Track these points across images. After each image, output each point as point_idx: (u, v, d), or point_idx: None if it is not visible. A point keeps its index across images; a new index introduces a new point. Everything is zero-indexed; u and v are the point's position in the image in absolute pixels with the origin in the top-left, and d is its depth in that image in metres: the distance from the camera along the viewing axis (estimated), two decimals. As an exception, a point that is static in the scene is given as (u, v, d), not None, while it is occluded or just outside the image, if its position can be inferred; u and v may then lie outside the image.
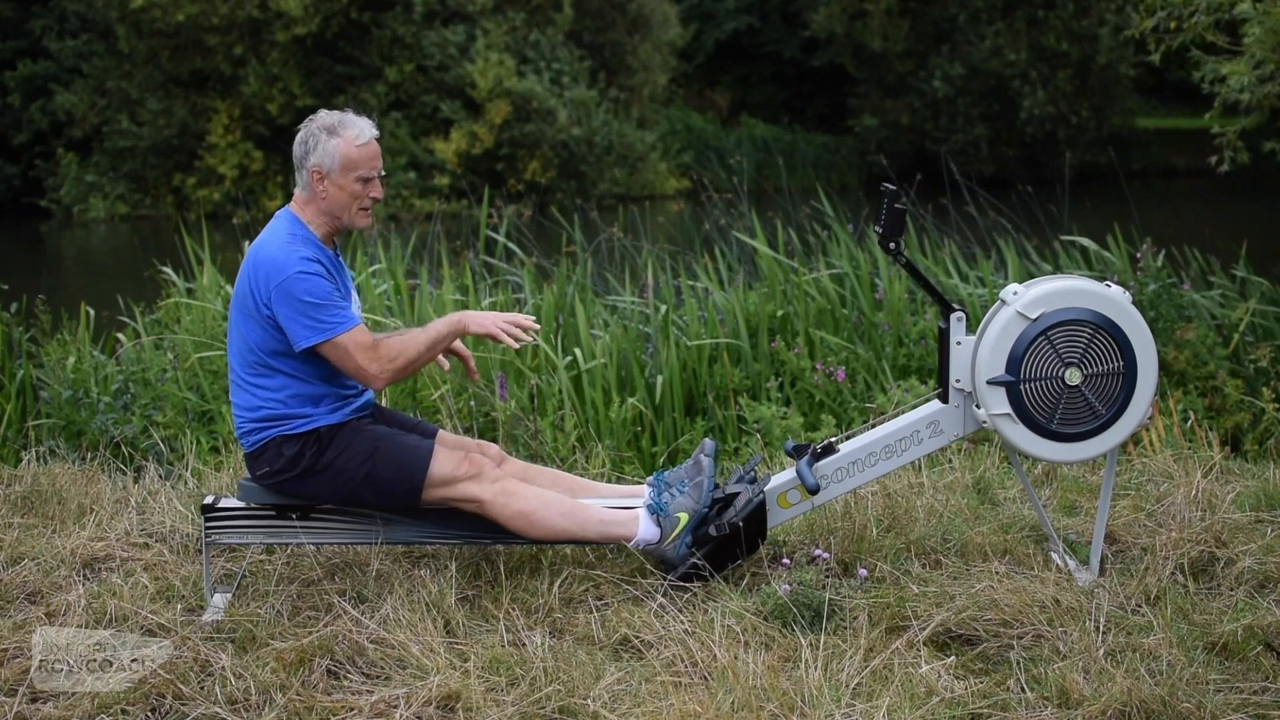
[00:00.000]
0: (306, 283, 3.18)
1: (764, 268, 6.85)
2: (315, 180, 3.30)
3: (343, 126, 3.29)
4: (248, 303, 3.24)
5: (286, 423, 3.25)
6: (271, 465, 3.27)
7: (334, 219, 3.32)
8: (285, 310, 3.18)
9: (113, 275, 15.30)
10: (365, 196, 3.31)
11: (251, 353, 3.26)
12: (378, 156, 3.32)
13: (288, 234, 3.27)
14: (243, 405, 3.30)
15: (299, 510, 3.36)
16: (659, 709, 2.67)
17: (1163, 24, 7.90)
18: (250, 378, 3.28)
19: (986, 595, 3.17)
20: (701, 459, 3.40)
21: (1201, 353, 5.97)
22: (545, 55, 23.06)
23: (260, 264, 3.23)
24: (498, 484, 3.28)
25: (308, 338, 3.18)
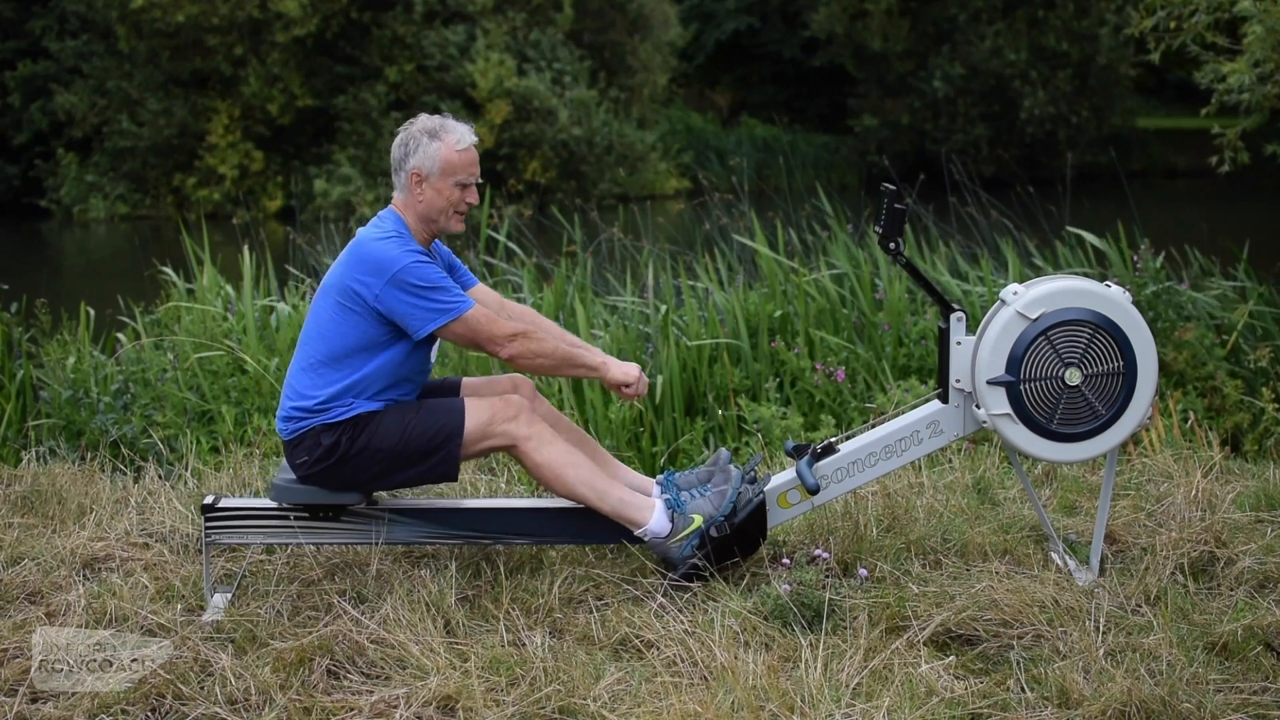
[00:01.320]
0: (420, 270, 3.20)
1: (764, 268, 6.85)
2: (414, 183, 3.31)
3: (444, 131, 3.32)
4: (346, 295, 3.24)
5: (328, 412, 3.26)
6: (310, 455, 3.27)
7: (430, 222, 3.34)
8: (401, 301, 3.19)
9: (113, 275, 15.30)
10: (462, 202, 3.34)
11: (327, 342, 3.26)
12: (476, 162, 3.36)
13: (394, 230, 3.29)
14: (299, 391, 3.29)
15: (327, 510, 3.35)
16: (659, 709, 2.67)
17: (1162, 24, 7.90)
18: (317, 365, 3.27)
19: (986, 595, 3.17)
20: (731, 469, 3.41)
21: (1201, 353, 5.97)
22: (545, 55, 23.07)
23: (368, 258, 3.23)
24: (534, 428, 3.28)
25: (432, 320, 3.21)
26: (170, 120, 22.96)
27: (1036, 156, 24.33)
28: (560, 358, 3.33)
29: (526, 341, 3.28)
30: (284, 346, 5.88)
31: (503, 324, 3.28)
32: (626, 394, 3.40)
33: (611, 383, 3.39)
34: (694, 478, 3.47)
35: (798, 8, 28.59)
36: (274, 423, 5.11)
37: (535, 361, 3.31)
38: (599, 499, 3.31)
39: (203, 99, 23.25)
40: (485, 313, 3.28)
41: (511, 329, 3.28)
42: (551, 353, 3.31)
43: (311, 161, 22.94)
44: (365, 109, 22.87)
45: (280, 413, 3.35)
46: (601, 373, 3.38)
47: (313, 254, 8.06)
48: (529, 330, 3.30)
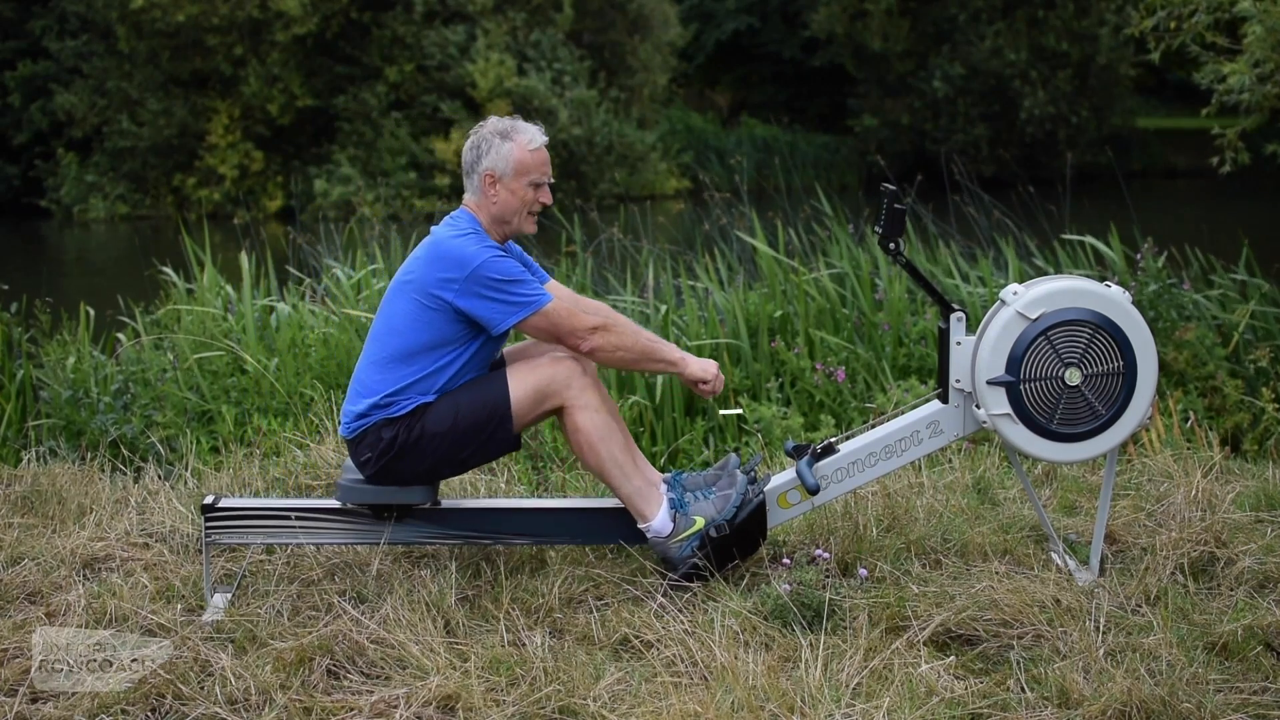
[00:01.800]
0: (499, 264, 3.21)
1: (764, 268, 6.86)
2: (487, 185, 3.31)
3: (515, 131, 3.32)
4: (424, 293, 3.24)
5: (391, 407, 3.26)
6: (373, 450, 3.27)
7: (504, 224, 3.34)
8: (479, 297, 3.20)
9: (113, 275, 15.30)
10: (536, 202, 3.34)
11: (399, 339, 3.26)
12: (548, 162, 3.36)
13: (471, 228, 3.30)
14: (368, 386, 3.28)
15: (392, 510, 3.35)
16: (659, 709, 2.67)
17: (1163, 24, 7.89)
18: (389, 361, 3.27)
19: (986, 595, 3.17)
20: (738, 474, 3.41)
21: (1201, 353, 5.97)
22: (545, 55, 23.07)
23: (447, 255, 3.23)
24: (585, 393, 3.27)
25: (513, 314, 3.22)
26: (170, 120, 22.97)
27: (1036, 156, 24.33)
28: (640, 351, 3.33)
29: (607, 334, 3.28)
30: (283, 347, 5.88)
31: (583, 317, 3.28)
32: (703, 390, 3.40)
33: (689, 378, 3.39)
34: (700, 480, 3.47)
35: (798, 8, 28.59)
36: (274, 423, 5.11)
37: (615, 355, 3.31)
38: (622, 480, 3.30)
39: (203, 99, 23.26)
40: (565, 306, 3.28)
41: (592, 322, 3.27)
42: (632, 346, 3.32)
43: (311, 161, 22.95)
44: (365, 109, 22.89)
45: (346, 410, 3.34)
46: (680, 368, 3.38)
47: (313, 254, 8.06)
48: (609, 323, 3.30)
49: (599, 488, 4.32)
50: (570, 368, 3.28)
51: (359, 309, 6.37)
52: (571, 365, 3.29)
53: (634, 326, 3.39)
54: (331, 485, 4.08)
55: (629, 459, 3.32)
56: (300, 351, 5.87)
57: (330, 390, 5.35)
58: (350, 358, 5.83)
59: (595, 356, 3.31)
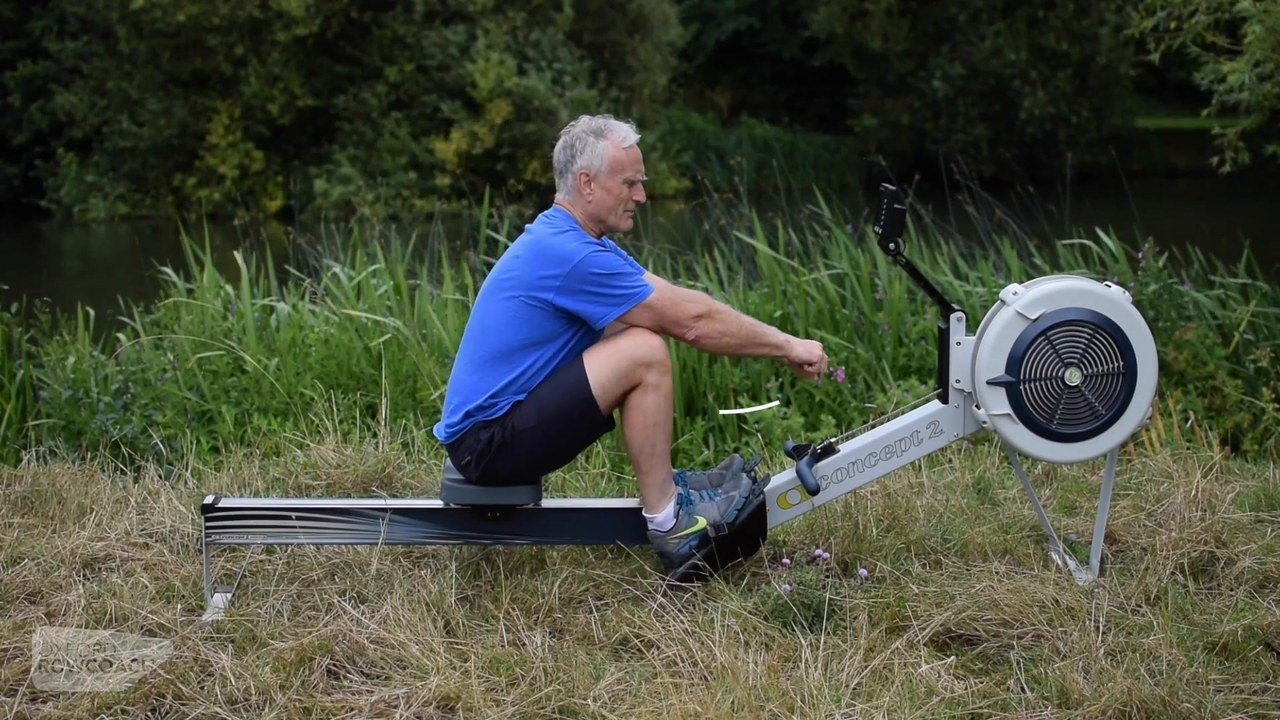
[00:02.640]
0: (601, 258, 3.22)
1: (764, 268, 6.85)
2: (583, 183, 3.32)
3: (609, 130, 3.33)
4: (526, 292, 3.23)
5: (491, 408, 3.26)
6: (472, 452, 3.27)
7: (599, 222, 3.35)
8: (582, 293, 3.20)
9: (113, 275, 15.30)
10: (630, 199, 3.35)
11: (498, 339, 3.26)
12: (641, 160, 3.36)
13: (567, 225, 3.30)
14: (470, 387, 3.28)
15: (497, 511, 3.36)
16: (659, 709, 2.67)
17: (1162, 24, 7.89)
18: (485, 362, 3.27)
19: (986, 595, 3.17)
20: (742, 477, 3.41)
21: (1201, 353, 5.97)
22: (546, 55, 23.07)
23: (548, 253, 3.23)
24: (664, 377, 3.25)
25: (617, 306, 3.22)
26: (170, 120, 22.97)
27: (1036, 156, 24.34)
28: (745, 336, 3.33)
29: (711, 321, 3.28)
30: (283, 346, 5.88)
31: (686, 305, 3.28)
32: (809, 373, 3.40)
33: (795, 361, 3.39)
34: (704, 479, 3.47)
35: (798, 8, 28.59)
36: (274, 423, 5.11)
37: (721, 340, 3.31)
38: (654, 468, 3.30)
39: (203, 99, 23.26)
40: (668, 296, 3.28)
41: (696, 310, 3.27)
42: (736, 331, 3.32)
43: (311, 161, 22.95)
44: (365, 109, 22.90)
45: (445, 414, 3.34)
46: (785, 351, 3.38)
47: (313, 254, 8.06)
48: (712, 310, 3.30)
49: (599, 488, 4.33)
50: (656, 346, 3.25)
51: (359, 309, 6.37)
52: (657, 344, 3.26)
53: (735, 312, 3.38)
54: (332, 485, 4.08)
55: (667, 450, 3.33)
56: (300, 351, 5.87)
57: (330, 390, 5.35)
58: (350, 358, 5.83)
59: (700, 344, 3.31)
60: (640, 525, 3.38)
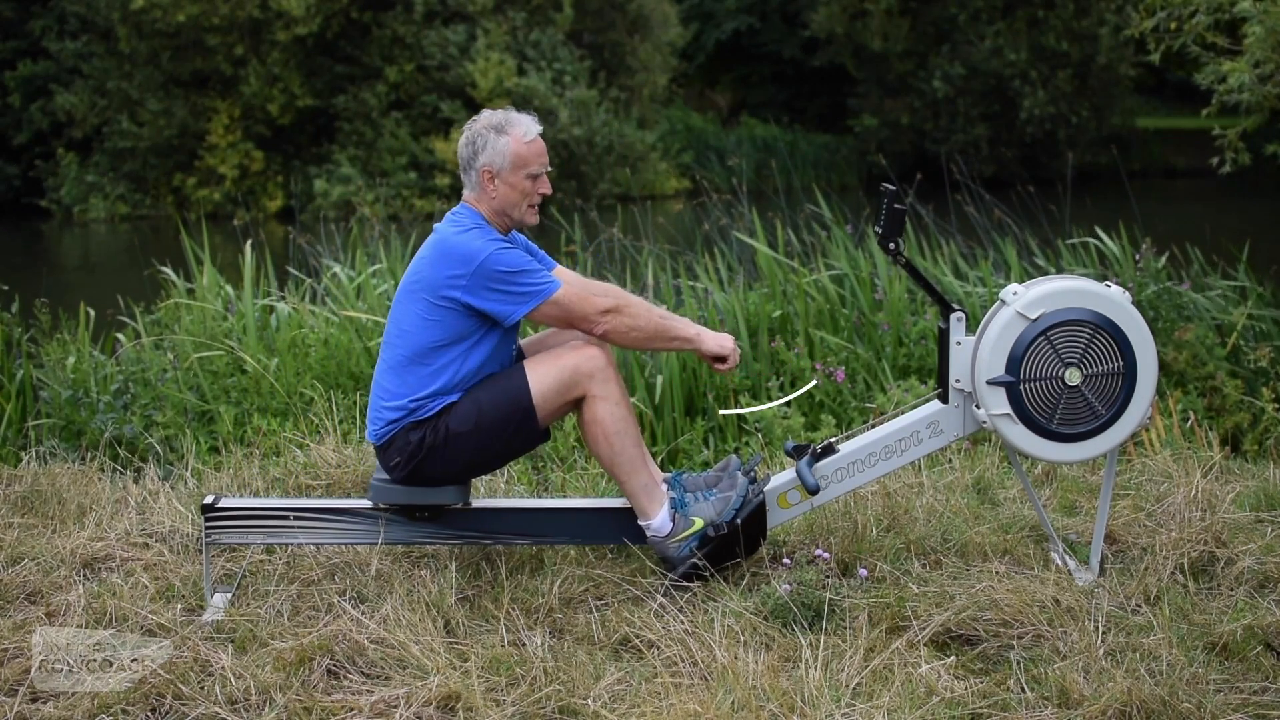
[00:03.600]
0: (505, 256, 3.20)
1: (764, 268, 6.85)
2: (486, 180, 3.31)
3: (509, 125, 3.32)
4: (433, 292, 3.23)
5: (417, 411, 3.26)
6: (401, 454, 3.26)
7: (505, 217, 3.34)
8: (488, 291, 3.19)
9: (113, 275, 15.30)
10: (535, 193, 3.33)
11: (412, 341, 3.26)
12: (544, 152, 3.35)
13: (472, 223, 3.30)
14: (389, 391, 3.28)
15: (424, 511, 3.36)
16: (659, 709, 2.67)
17: (1163, 24, 7.90)
18: (403, 364, 3.27)
19: (986, 595, 3.17)
20: (739, 476, 3.40)
21: (1201, 353, 5.97)
22: (545, 55, 23.07)
23: (452, 252, 3.22)
24: (609, 386, 3.25)
25: (523, 304, 3.21)
26: (170, 120, 22.97)
27: (1036, 156, 24.33)
28: (654, 330, 3.32)
29: (619, 316, 3.27)
30: (283, 347, 5.88)
31: (595, 299, 3.26)
32: (721, 369, 3.39)
33: (706, 355, 3.38)
34: (701, 481, 3.47)
35: (798, 8, 28.59)
36: (273, 423, 5.11)
37: (629, 335, 3.29)
38: (630, 474, 3.29)
39: (203, 99, 23.26)
40: (575, 291, 3.27)
41: (604, 304, 3.26)
42: (645, 325, 3.30)
43: (311, 161, 22.95)
44: (365, 109, 22.89)
45: (370, 417, 3.34)
46: (695, 344, 3.37)
47: (313, 254, 8.06)
48: (620, 304, 3.28)
49: (599, 488, 4.33)
50: (594, 357, 3.25)
51: (359, 309, 6.37)
52: (596, 355, 3.26)
53: (646, 305, 3.37)
54: (332, 485, 4.08)
55: (639, 455, 3.31)
56: (300, 352, 5.87)
57: (330, 390, 5.35)
58: (350, 358, 5.83)
59: (609, 338, 3.30)
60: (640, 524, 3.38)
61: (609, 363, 3.28)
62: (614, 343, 3.33)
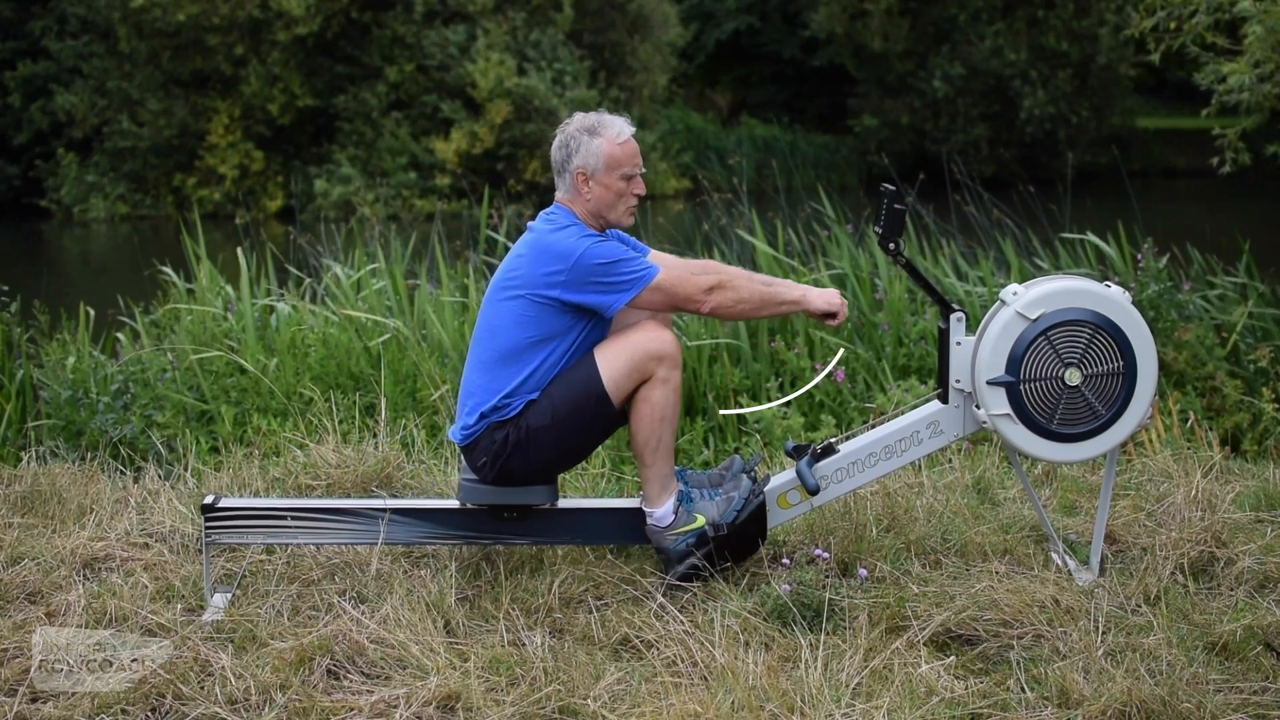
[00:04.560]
0: (601, 249, 3.21)
1: (764, 267, 6.85)
2: (580, 182, 3.31)
3: (603, 126, 3.32)
4: (532, 290, 3.23)
5: (503, 410, 3.26)
6: (487, 454, 3.27)
7: (600, 219, 3.34)
8: (587, 285, 3.20)
9: (113, 275, 15.31)
10: (630, 194, 3.33)
11: (505, 339, 3.26)
12: (638, 153, 3.36)
13: (567, 221, 3.30)
14: (481, 387, 3.28)
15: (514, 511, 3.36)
16: (659, 709, 2.67)
17: (1163, 24, 7.90)
18: (493, 363, 3.27)
19: (986, 595, 3.17)
20: (742, 478, 3.41)
21: (1201, 353, 5.97)
22: (546, 55, 23.08)
23: (549, 249, 3.23)
24: (674, 372, 3.24)
25: (626, 292, 3.21)
26: (170, 120, 22.98)
27: (1036, 156, 24.34)
28: (760, 299, 3.31)
29: (725, 291, 3.27)
30: (283, 347, 5.88)
31: (696, 279, 3.26)
32: (832, 323, 3.39)
33: (816, 313, 3.37)
34: (705, 479, 3.47)
35: (798, 8, 28.60)
36: (273, 423, 5.11)
37: (737, 308, 3.30)
38: (657, 460, 3.28)
39: (203, 99, 23.27)
40: (675, 273, 3.27)
41: (707, 282, 3.26)
42: (751, 296, 3.30)
43: (311, 161, 22.96)
44: (365, 109, 22.90)
45: (459, 417, 3.34)
46: (804, 305, 3.36)
47: (313, 254, 8.06)
48: (723, 279, 3.28)
49: (599, 488, 4.33)
50: (667, 341, 3.24)
51: (358, 309, 6.37)
52: (668, 338, 3.25)
53: (747, 275, 3.38)
54: (332, 485, 4.08)
55: (672, 444, 3.32)
56: (300, 352, 5.87)
57: (330, 390, 5.35)
58: (350, 358, 5.83)
59: (717, 314, 3.30)
60: (640, 525, 3.38)
61: (678, 347, 3.28)
62: (723, 317, 3.34)
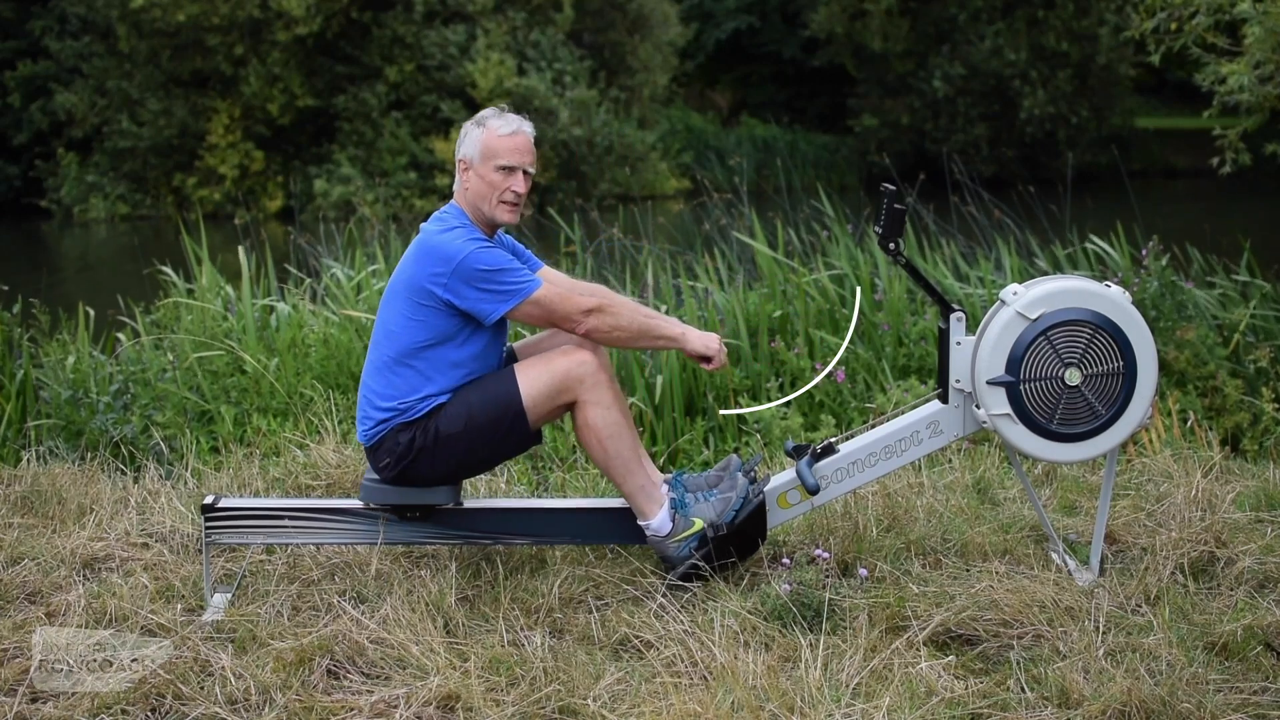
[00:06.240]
0: (484, 255, 3.20)
1: (764, 268, 6.85)
2: (461, 170, 3.34)
3: (489, 118, 3.35)
4: (416, 291, 3.23)
5: (406, 412, 3.26)
6: (391, 455, 3.26)
7: (478, 210, 3.34)
8: (468, 289, 3.19)
9: (113, 275, 15.31)
10: (506, 189, 3.31)
11: (398, 341, 3.26)
12: (523, 151, 3.33)
13: (456, 222, 3.30)
14: (376, 392, 3.29)
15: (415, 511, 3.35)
16: (659, 709, 2.67)
17: (1163, 25, 7.90)
18: (390, 365, 3.27)
19: (986, 595, 3.17)
20: (739, 477, 3.40)
21: (1201, 353, 5.96)
22: (546, 55, 23.08)
23: (433, 251, 3.23)
24: (599, 391, 3.23)
25: (503, 303, 3.20)
26: (170, 120, 22.98)
27: (1036, 156, 24.35)
28: (638, 329, 3.30)
29: (602, 315, 3.26)
30: (283, 347, 5.88)
31: (576, 299, 3.25)
32: (707, 368, 3.39)
33: (692, 354, 3.37)
34: (702, 481, 3.47)
35: (798, 8, 28.60)
36: (273, 423, 5.11)
37: (612, 335, 3.28)
38: (625, 477, 3.28)
39: (203, 99, 23.27)
40: (556, 290, 3.26)
41: (586, 304, 3.25)
42: (629, 325, 3.29)
43: (311, 161, 22.96)
44: (365, 109, 22.89)
45: (359, 419, 3.34)
46: (681, 344, 3.35)
47: (313, 254, 8.06)
48: (604, 304, 3.27)
49: (599, 488, 4.33)
50: (585, 362, 3.24)
51: (359, 309, 6.37)
52: (587, 359, 3.25)
53: (632, 305, 3.37)
54: (332, 485, 4.08)
55: (635, 457, 3.30)
56: (300, 351, 5.87)
57: (330, 390, 5.35)
58: (350, 358, 5.83)
59: (592, 337, 3.29)
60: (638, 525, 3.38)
61: (600, 366, 3.27)
62: (598, 341, 3.32)
